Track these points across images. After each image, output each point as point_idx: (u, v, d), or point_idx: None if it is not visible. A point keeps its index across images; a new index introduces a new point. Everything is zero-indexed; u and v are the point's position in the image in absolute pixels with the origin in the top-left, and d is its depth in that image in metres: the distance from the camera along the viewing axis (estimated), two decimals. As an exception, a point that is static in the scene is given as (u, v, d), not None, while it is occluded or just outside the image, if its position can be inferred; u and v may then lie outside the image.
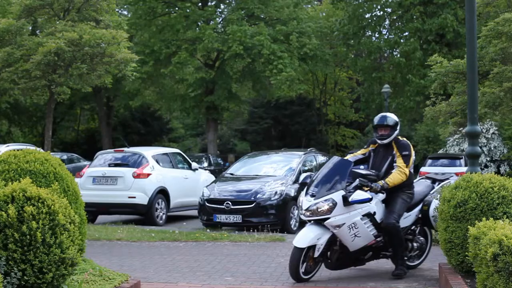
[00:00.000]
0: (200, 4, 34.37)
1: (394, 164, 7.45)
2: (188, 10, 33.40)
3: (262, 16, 32.96)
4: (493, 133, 25.29)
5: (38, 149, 7.55)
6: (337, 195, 7.00)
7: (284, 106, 43.16)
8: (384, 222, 7.29)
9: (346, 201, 6.97)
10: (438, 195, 7.73)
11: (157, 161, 14.83)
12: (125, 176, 14.17)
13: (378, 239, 7.37)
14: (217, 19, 34.05)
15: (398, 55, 32.51)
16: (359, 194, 7.03)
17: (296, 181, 13.25)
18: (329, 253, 7.29)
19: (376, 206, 7.35)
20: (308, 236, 6.98)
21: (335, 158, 7.71)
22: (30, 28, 21.26)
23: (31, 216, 5.03)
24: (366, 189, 7.11)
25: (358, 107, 41.56)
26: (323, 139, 43.21)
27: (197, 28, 32.64)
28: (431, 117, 19.38)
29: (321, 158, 15.59)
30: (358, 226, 7.08)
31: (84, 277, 5.83)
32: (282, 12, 32.05)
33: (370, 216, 7.23)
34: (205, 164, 26.01)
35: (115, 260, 9.08)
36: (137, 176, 14.14)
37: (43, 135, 48.84)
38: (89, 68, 18.10)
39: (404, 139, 7.78)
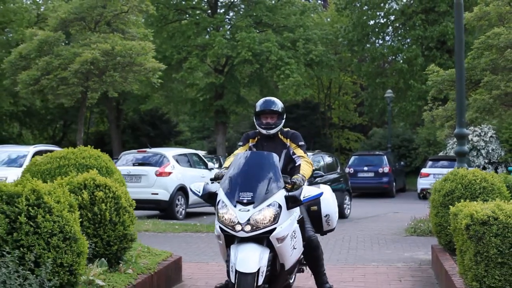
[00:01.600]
0: (209, 11, 35.58)
1: (295, 156, 6.09)
2: (198, 17, 34.59)
3: (270, 23, 34.06)
4: (491, 136, 26.39)
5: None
6: (280, 197, 5.27)
7: (289, 110, 43.91)
8: (306, 236, 5.90)
9: (292, 203, 5.31)
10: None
11: (177, 161, 16.09)
12: (148, 175, 15.45)
13: (303, 250, 5.94)
14: (226, 26, 35.19)
15: (401, 61, 33.56)
16: (309, 191, 5.40)
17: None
18: None
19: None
20: (254, 257, 5.04)
21: (252, 153, 5.79)
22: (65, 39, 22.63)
23: (100, 199, 6.24)
24: (288, 187, 5.51)
25: (362, 111, 42.46)
26: (328, 142, 44.15)
27: (207, 35, 33.85)
28: (429, 121, 20.64)
29: (327, 159, 16.87)
30: (297, 235, 5.52)
31: (137, 252, 7.04)
32: (289, 19, 33.20)
33: (301, 221, 5.77)
34: (216, 165, 27.23)
35: (148, 246, 10.28)
36: (159, 174, 15.41)
37: (54, 137, 50.04)
38: (121, 76, 19.54)
39: (288, 129, 6.36)
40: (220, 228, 5.25)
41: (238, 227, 5.10)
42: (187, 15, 35.27)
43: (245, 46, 30.81)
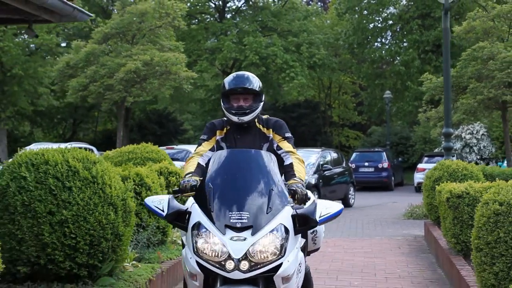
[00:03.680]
0: (217, 15, 37.58)
1: (281, 152, 4.44)
2: (207, 22, 36.59)
3: (275, 28, 35.93)
4: (482, 134, 28.37)
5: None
6: (286, 217, 3.76)
7: (291, 109, 45.46)
8: None
9: (302, 225, 3.78)
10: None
11: (200, 156, 18.17)
12: (176, 169, 17.48)
13: None
14: (234, 30, 37.15)
15: (399, 64, 35.45)
16: (326, 205, 3.91)
17: (315, 173, 16.56)
18: None
19: None
20: None
21: (238, 151, 4.24)
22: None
23: (173, 183, 8.23)
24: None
25: (361, 110, 44.18)
26: (328, 140, 45.58)
27: (216, 39, 35.86)
28: (423, 121, 22.87)
29: (333, 154, 18.92)
30: (301, 269, 4.01)
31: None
32: (293, 24, 35.16)
33: (304, 248, 4.38)
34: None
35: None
36: (185, 168, 17.49)
37: (63, 136, 51.84)
38: (159, 83, 21.92)
39: (268, 116, 4.72)
40: (199, 264, 3.64)
41: (230, 265, 3.54)
42: (197, 20, 37.27)
43: (252, 50, 32.77)
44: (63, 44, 38.38)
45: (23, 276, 5.26)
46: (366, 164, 27.44)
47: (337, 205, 3.93)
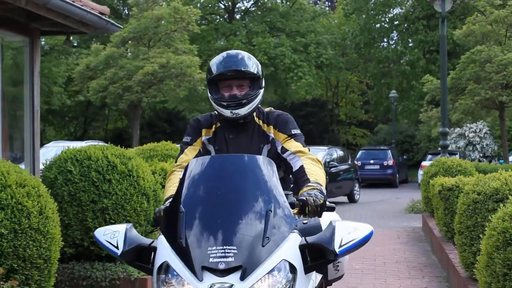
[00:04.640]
0: (226, 16, 38.44)
1: (288, 155, 3.37)
2: (217, 22, 37.46)
3: (283, 28, 36.75)
4: (485, 132, 29.12)
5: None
6: (291, 248, 2.68)
7: (299, 107, 46.01)
8: None
9: (316, 259, 2.75)
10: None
11: (213, 154, 19.13)
12: (191, 165, 18.44)
13: None
14: (243, 30, 37.96)
15: (404, 63, 36.16)
16: (349, 230, 2.78)
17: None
18: None
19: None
20: None
21: (223, 157, 3.13)
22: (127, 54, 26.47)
23: (192, 177, 9.09)
24: (294, 211, 2.93)
25: (368, 109, 44.89)
26: (336, 138, 46.16)
27: (226, 40, 36.73)
28: (425, 121, 23.83)
29: (340, 152, 19.75)
30: None
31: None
32: (301, 25, 35.99)
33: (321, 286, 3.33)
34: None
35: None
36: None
37: (75, 134, 52.85)
38: (175, 84, 23.06)
39: (271, 108, 3.62)
40: None
41: None
42: (206, 21, 38.15)
43: (261, 50, 33.62)
44: (75, 44, 39.32)
45: (69, 256, 6.12)
46: (372, 161, 28.08)
47: (365, 228, 2.81)
